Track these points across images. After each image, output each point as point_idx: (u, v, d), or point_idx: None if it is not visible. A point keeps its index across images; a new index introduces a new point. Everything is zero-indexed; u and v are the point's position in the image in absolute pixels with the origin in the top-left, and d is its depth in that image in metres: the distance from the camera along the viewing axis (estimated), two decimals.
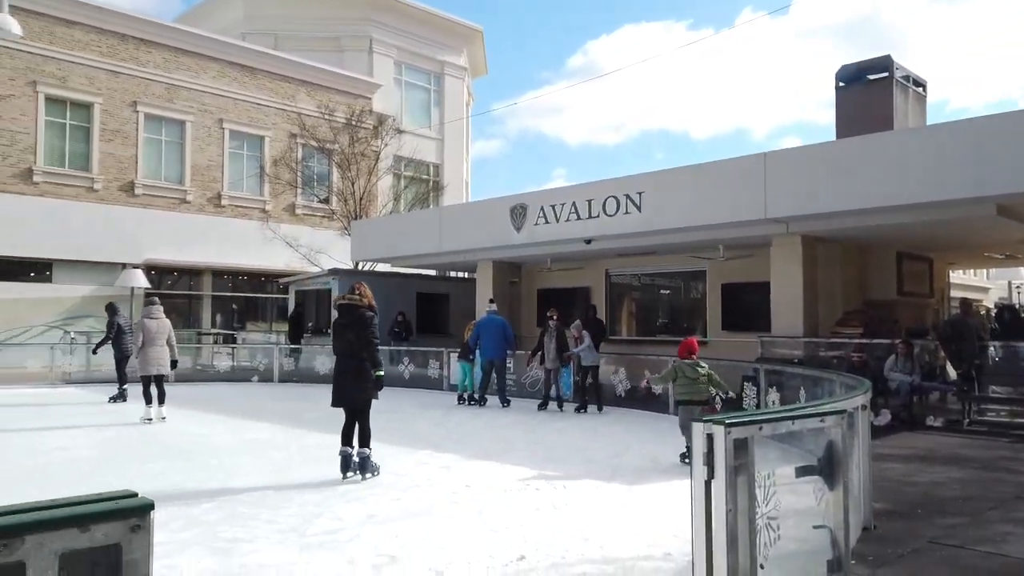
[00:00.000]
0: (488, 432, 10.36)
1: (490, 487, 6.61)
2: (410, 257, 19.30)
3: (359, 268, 21.54)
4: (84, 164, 21.69)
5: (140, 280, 20.55)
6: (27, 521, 1.42)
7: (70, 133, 21.52)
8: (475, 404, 13.36)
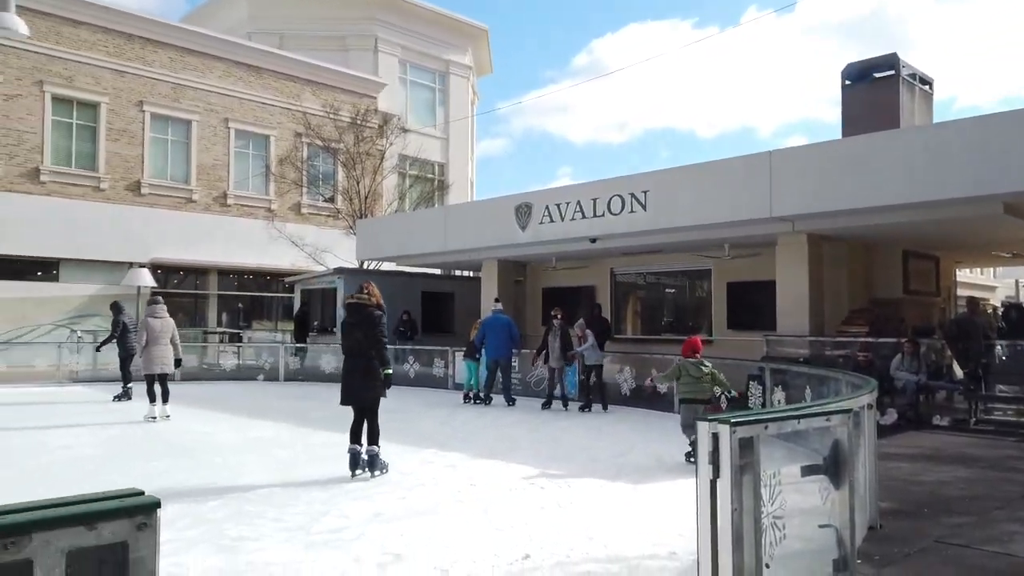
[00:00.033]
0: (493, 431, 10.36)
1: (495, 486, 6.62)
2: (415, 256, 19.31)
3: (364, 267, 21.57)
4: (91, 164, 21.77)
5: (146, 279, 20.64)
6: (34, 519, 1.43)
7: (76, 133, 21.59)
8: (480, 403, 13.37)
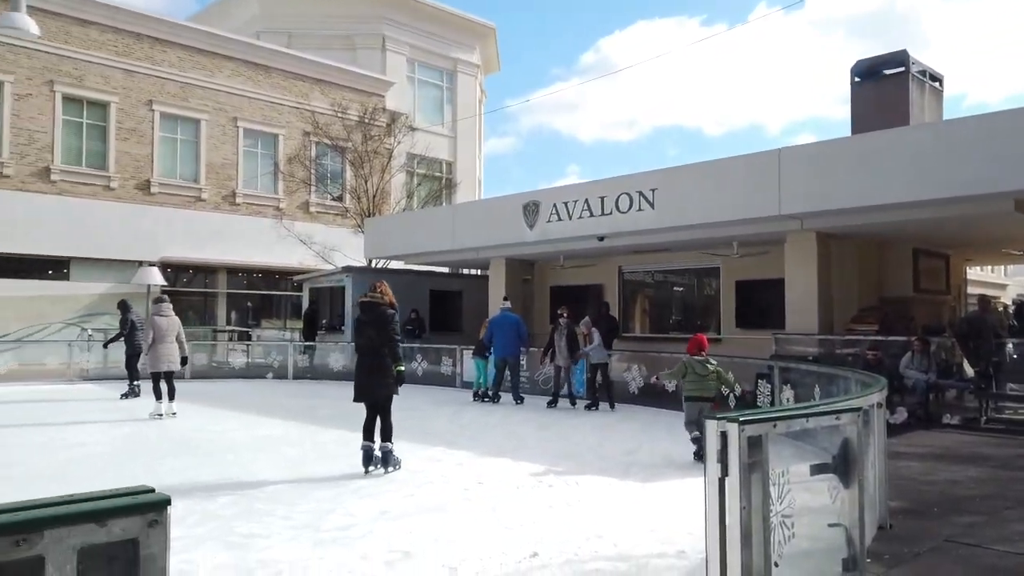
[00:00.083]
0: (501, 429, 10.37)
1: (503, 484, 6.62)
2: (423, 254, 19.33)
3: (372, 265, 21.61)
4: (101, 163, 21.89)
5: (156, 278, 20.74)
6: (46, 516, 1.44)
7: (87, 132, 21.71)
8: (489, 401, 13.38)
